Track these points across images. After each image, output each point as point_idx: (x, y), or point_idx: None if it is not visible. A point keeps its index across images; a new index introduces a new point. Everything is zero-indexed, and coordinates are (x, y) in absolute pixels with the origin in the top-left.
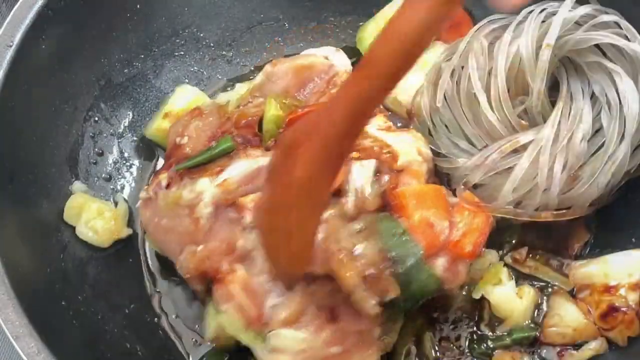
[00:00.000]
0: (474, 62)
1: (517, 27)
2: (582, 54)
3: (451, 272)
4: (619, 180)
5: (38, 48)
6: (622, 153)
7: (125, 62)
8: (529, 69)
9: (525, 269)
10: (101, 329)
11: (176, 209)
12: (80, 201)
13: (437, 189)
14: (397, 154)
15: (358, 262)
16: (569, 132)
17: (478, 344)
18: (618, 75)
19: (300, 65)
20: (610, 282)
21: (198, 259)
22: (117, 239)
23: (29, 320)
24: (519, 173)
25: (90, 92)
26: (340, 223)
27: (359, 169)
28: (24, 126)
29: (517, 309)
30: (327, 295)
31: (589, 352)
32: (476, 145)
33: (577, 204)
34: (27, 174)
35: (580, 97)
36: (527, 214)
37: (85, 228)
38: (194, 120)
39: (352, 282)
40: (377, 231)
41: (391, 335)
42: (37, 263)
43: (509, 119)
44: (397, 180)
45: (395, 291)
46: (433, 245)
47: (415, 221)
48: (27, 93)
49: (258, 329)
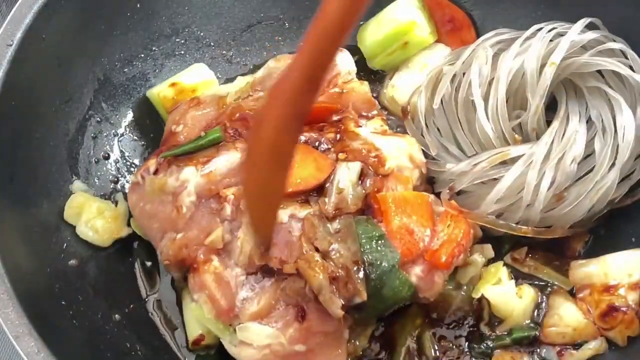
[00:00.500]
0: (477, 70)
1: (524, 42)
2: (584, 78)
3: (426, 281)
4: (601, 208)
5: (38, 47)
6: (610, 180)
7: (125, 62)
8: (531, 84)
9: (525, 269)
10: (101, 328)
11: (161, 195)
12: (80, 201)
13: (422, 196)
14: (384, 159)
15: (329, 263)
16: (561, 151)
17: (478, 344)
18: (618, 103)
19: None
20: (610, 281)
21: (177, 246)
22: (117, 238)
23: (29, 320)
24: (505, 184)
25: (91, 92)
26: (318, 222)
27: (343, 170)
28: (24, 125)
29: (517, 309)
30: (297, 293)
31: (589, 351)
32: (466, 152)
33: (558, 224)
34: (27, 173)
35: (576, 120)
36: (507, 226)
37: (85, 227)
38: (191, 109)
39: (319, 282)
40: (354, 233)
41: (361, 340)
42: (37, 263)
43: (503, 130)
44: (381, 185)
45: (362, 295)
46: (411, 253)
47: (395, 227)
48: (27, 92)
49: (228, 320)
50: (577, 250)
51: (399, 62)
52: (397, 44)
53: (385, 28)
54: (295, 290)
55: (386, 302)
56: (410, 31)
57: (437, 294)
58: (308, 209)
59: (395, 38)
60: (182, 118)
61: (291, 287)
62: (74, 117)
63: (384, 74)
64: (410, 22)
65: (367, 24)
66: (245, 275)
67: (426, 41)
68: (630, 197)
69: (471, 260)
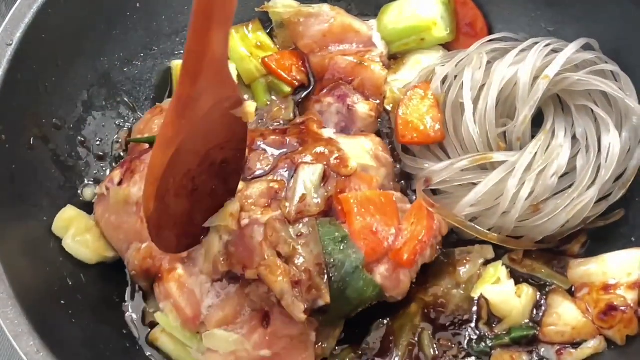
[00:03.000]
0: (470, 74)
1: (520, 53)
2: (573, 96)
3: (392, 280)
4: (575, 225)
5: (38, 47)
6: (588, 198)
7: (125, 61)
8: (522, 94)
9: (523, 269)
10: (100, 328)
11: (125, 207)
12: (71, 215)
13: (386, 195)
14: (346, 159)
15: (291, 267)
16: (544, 163)
17: (477, 343)
18: (605, 123)
19: (350, 24)
20: (609, 280)
21: (142, 256)
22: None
23: (28, 319)
24: (483, 188)
25: (91, 91)
26: (280, 226)
27: (305, 173)
28: (25, 125)
29: (516, 308)
30: (261, 298)
31: (588, 350)
32: (449, 154)
33: (529, 235)
34: (28, 174)
35: (562, 135)
36: (475, 229)
37: (72, 242)
38: (155, 117)
39: (280, 287)
40: (317, 236)
41: (330, 342)
42: (36, 262)
43: (488, 136)
44: (345, 186)
45: (325, 298)
46: (375, 252)
47: (358, 227)
48: (27, 92)
49: (194, 328)
50: (575, 252)
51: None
52: (414, 38)
53: (405, 21)
54: (259, 295)
55: (351, 304)
56: (429, 30)
57: (404, 293)
58: (270, 213)
59: (413, 32)
60: (146, 127)
61: (255, 293)
62: (74, 116)
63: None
64: (431, 21)
65: (389, 6)
66: (211, 282)
67: (443, 40)
68: (604, 219)
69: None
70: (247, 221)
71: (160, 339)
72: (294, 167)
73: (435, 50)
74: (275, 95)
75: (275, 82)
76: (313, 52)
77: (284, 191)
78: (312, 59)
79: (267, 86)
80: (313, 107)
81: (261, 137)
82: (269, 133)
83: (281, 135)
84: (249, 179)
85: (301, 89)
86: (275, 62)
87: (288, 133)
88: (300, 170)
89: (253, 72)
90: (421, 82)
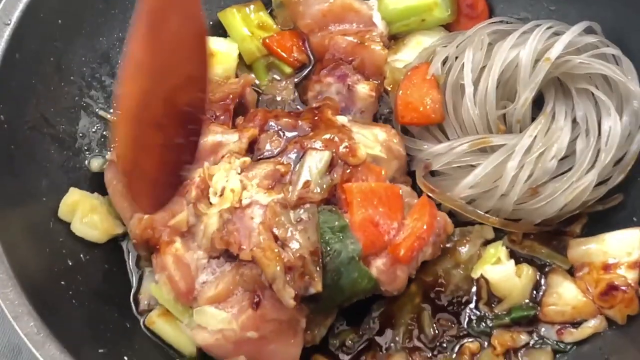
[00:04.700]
0: (471, 55)
1: (522, 35)
2: (574, 79)
3: (388, 275)
4: (573, 208)
5: (36, 26)
6: (587, 182)
7: (124, 41)
8: (523, 77)
9: (523, 250)
10: (101, 308)
11: None
12: (75, 198)
13: (392, 188)
14: (355, 149)
15: (286, 252)
16: (544, 146)
17: (477, 323)
18: (606, 107)
19: (350, 3)
20: (609, 260)
21: (143, 226)
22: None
23: (29, 300)
24: (482, 171)
25: (90, 71)
26: (281, 210)
27: (311, 159)
28: (23, 105)
29: (516, 288)
30: (254, 279)
31: (588, 330)
32: (448, 135)
33: (528, 218)
34: (27, 154)
35: (562, 118)
36: (475, 213)
37: (80, 224)
38: None
39: (273, 271)
40: (316, 223)
41: (320, 329)
42: (36, 243)
43: (488, 118)
44: (352, 175)
45: (317, 286)
46: (374, 245)
47: (359, 218)
48: (26, 72)
49: (187, 302)
50: (576, 233)
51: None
52: (415, 19)
53: (406, 1)
54: (252, 276)
55: (344, 294)
56: (430, 10)
57: (401, 288)
58: (272, 195)
59: (414, 13)
60: None
61: (248, 274)
62: (73, 96)
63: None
64: (432, 2)
65: None
66: (208, 258)
67: (444, 20)
68: (603, 203)
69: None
70: (249, 201)
71: (156, 322)
72: (302, 152)
73: (436, 31)
74: (275, 75)
75: (276, 62)
76: (313, 32)
77: (289, 175)
78: (312, 38)
79: (268, 66)
80: (313, 87)
81: (274, 118)
82: (283, 115)
83: (294, 119)
84: (257, 159)
85: (301, 69)
86: (277, 42)
87: (302, 117)
88: (308, 155)
89: (254, 52)
90: (422, 62)
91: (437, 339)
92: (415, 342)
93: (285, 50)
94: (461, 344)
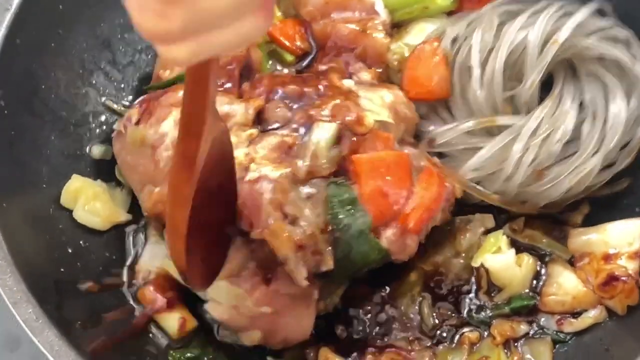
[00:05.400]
0: (479, 36)
1: (532, 16)
2: (584, 61)
3: (398, 245)
4: (577, 192)
5: (37, 12)
6: (591, 165)
7: (125, 27)
8: (531, 58)
9: (524, 239)
10: (101, 295)
11: (141, 148)
12: (77, 185)
13: (400, 155)
14: (362, 117)
15: (296, 230)
16: (549, 129)
17: (477, 313)
18: (614, 91)
19: None
20: (610, 250)
21: (154, 200)
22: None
23: (27, 287)
24: (487, 153)
25: (91, 58)
26: (290, 185)
27: (319, 131)
28: (24, 91)
29: (516, 277)
30: (265, 255)
31: (588, 320)
32: (456, 117)
33: (532, 201)
34: (27, 140)
35: (569, 101)
36: (477, 190)
37: (82, 212)
38: None
39: (284, 253)
40: (325, 199)
41: (332, 298)
42: (35, 230)
43: (495, 100)
44: (359, 144)
45: (328, 264)
46: (384, 216)
47: (369, 189)
48: (27, 58)
49: None
50: (577, 223)
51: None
52: (417, 6)
53: None
54: (264, 253)
55: (355, 266)
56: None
57: (411, 255)
58: (281, 169)
59: (417, 0)
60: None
61: (260, 250)
62: (74, 82)
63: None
64: None
65: None
66: None
67: (447, 8)
68: (609, 188)
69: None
70: (257, 175)
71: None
72: (309, 123)
73: (439, 19)
74: (277, 63)
75: (278, 50)
76: (315, 20)
77: (296, 147)
78: (314, 26)
79: (269, 54)
80: None
81: (281, 85)
82: (289, 81)
83: (301, 85)
84: (263, 131)
85: (303, 57)
86: (279, 30)
87: (308, 83)
88: (315, 127)
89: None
90: (431, 38)
91: (437, 328)
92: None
93: (288, 39)
94: (461, 333)
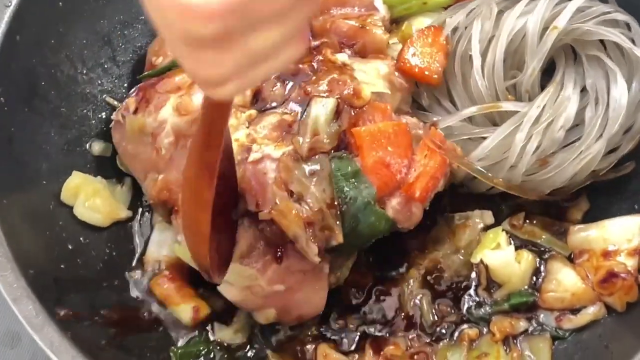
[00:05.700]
0: (479, 25)
1: (530, 2)
2: (585, 46)
3: (404, 213)
4: (583, 178)
5: (37, 8)
6: (595, 151)
7: (125, 24)
8: (531, 46)
9: (524, 235)
10: (102, 292)
11: (141, 136)
12: (78, 182)
13: (399, 125)
14: (359, 90)
15: (303, 207)
16: (552, 116)
17: (476, 309)
18: (614, 75)
19: None
20: (609, 247)
21: (158, 188)
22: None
23: (27, 283)
24: (490, 143)
25: (91, 54)
26: (293, 164)
27: (317, 107)
28: (24, 87)
29: (515, 274)
30: (274, 234)
31: (588, 317)
32: (459, 107)
33: (538, 188)
34: (27, 137)
35: (571, 87)
36: (480, 172)
37: (83, 208)
38: None
39: (294, 232)
40: (329, 174)
41: (343, 270)
42: (35, 226)
43: (496, 88)
44: (358, 117)
45: (338, 238)
46: (387, 186)
47: (371, 161)
48: (27, 54)
49: None
50: (577, 219)
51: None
52: (416, 2)
53: None
54: (273, 232)
55: (364, 237)
56: None
57: (417, 222)
58: (282, 148)
59: None
60: (161, 48)
61: (268, 230)
62: (74, 79)
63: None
64: None
65: None
66: None
67: (445, 3)
68: (615, 171)
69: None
70: (260, 155)
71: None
72: (306, 99)
73: (438, 14)
74: None
75: None
76: (315, 16)
77: (296, 125)
78: (313, 22)
79: None
80: None
81: None
82: None
83: (295, 63)
84: (262, 110)
85: None
86: None
87: (301, 59)
88: (313, 103)
89: None
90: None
91: (436, 325)
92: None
93: None
94: (460, 330)
